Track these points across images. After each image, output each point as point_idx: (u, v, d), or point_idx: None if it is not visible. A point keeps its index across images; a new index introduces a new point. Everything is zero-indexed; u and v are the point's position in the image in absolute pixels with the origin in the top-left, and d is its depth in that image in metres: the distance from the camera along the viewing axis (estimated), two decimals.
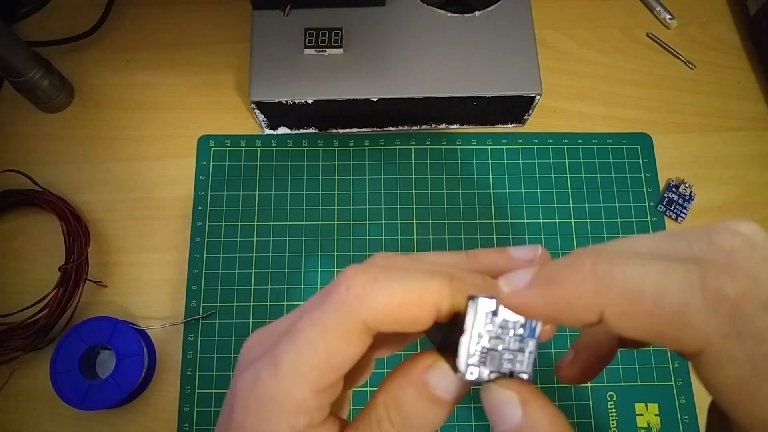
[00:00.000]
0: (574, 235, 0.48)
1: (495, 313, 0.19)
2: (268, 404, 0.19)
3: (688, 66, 0.54)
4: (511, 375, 0.19)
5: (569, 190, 0.50)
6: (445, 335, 0.20)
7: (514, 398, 0.19)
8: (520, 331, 0.19)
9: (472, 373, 0.19)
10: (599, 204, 0.49)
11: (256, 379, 0.20)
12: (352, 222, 0.48)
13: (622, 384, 0.45)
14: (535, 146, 0.51)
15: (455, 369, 0.19)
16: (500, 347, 0.19)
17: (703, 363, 0.16)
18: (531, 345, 0.19)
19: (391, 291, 0.19)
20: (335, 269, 0.46)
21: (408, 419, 0.19)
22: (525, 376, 0.19)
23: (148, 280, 0.46)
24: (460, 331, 0.19)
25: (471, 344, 0.19)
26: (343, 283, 0.19)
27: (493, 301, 0.19)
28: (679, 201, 0.49)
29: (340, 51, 0.46)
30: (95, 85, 0.52)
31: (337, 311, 0.19)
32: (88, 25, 0.52)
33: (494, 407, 0.19)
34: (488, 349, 0.19)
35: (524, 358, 0.19)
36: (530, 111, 0.49)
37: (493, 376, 0.19)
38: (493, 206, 0.49)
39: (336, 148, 0.50)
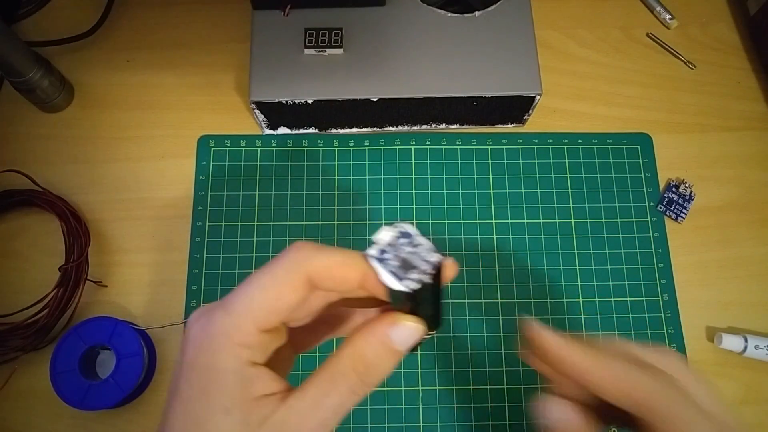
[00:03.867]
0: (574, 235, 0.48)
1: (382, 251, 0.24)
2: (218, 338, 0.23)
3: (688, 66, 0.54)
4: (430, 264, 0.23)
5: (569, 190, 0.50)
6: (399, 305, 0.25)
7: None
8: (404, 241, 0.24)
9: (411, 282, 0.23)
10: (599, 204, 0.49)
11: (208, 320, 0.24)
12: (352, 222, 0.48)
13: None
14: (535, 146, 0.51)
15: (393, 288, 0.23)
16: (403, 257, 0.24)
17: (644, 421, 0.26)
18: (417, 239, 0.24)
19: (331, 254, 0.24)
20: None
21: (369, 368, 0.24)
22: (436, 257, 0.24)
23: (148, 280, 0.46)
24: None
25: (387, 273, 0.23)
26: (294, 248, 0.24)
27: (373, 248, 0.24)
28: (679, 201, 0.49)
29: (340, 51, 0.46)
30: (95, 85, 0.52)
31: (287, 264, 0.24)
32: (88, 25, 0.52)
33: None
34: (400, 265, 0.24)
35: (423, 248, 0.24)
36: (530, 111, 0.49)
37: (417, 274, 0.23)
38: (493, 206, 0.49)
39: (336, 148, 0.50)
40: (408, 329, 0.25)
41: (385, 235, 0.24)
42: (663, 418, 0.26)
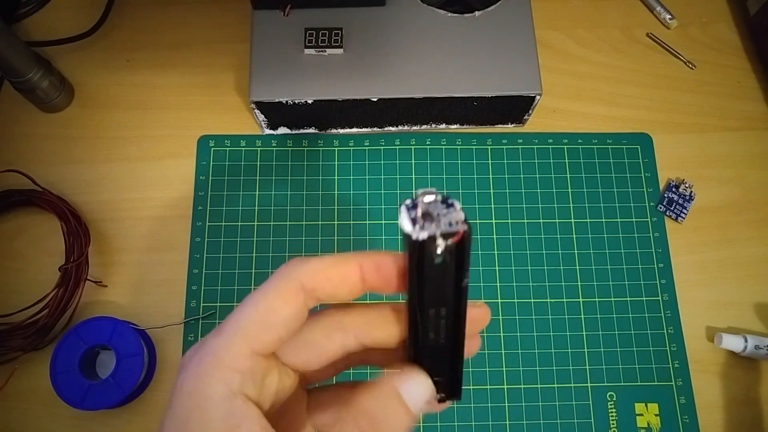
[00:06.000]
0: (574, 235, 0.48)
1: (414, 204, 0.21)
2: (206, 359, 0.21)
3: (688, 66, 0.54)
4: (451, 224, 0.21)
5: (569, 190, 0.49)
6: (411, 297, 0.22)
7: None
8: (442, 204, 0.21)
9: (423, 231, 0.20)
10: (599, 204, 0.49)
11: (201, 343, 0.21)
12: (352, 222, 0.48)
13: (622, 384, 0.45)
14: (535, 146, 0.51)
15: (404, 230, 0.21)
16: (430, 210, 0.21)
17: None
18: (457, 204, 0.21)
19: (322, 258, 0.22)
20: None
21: (379, 429, 0.21)
22: (465, 227, 0.21)
23: (148, 280, 0.46)
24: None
25: (407, 218, 0.21)
26: (286, 262, 0.22)
27: (409, 200, 0.21)
28: (679, 201, 0.49)
29: (340, 51, 0.46)
30: (95, 85, 0.52)
31: (277, 276, 0.22)
32: (88, 25, 0.52)
33: None
34: (423, 214, 0.21)
35: (456, 213, 0.21)
36: (530, 111, 0.49)
37: (434, 227, 0.21)
38: (493, 206, 0.49)
39: (336, 148, 0.50)
40: (420, 381, 0.23)
41: (426, 195, 0.22)
42: None
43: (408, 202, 0.22)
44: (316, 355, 0.23)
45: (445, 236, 0.20)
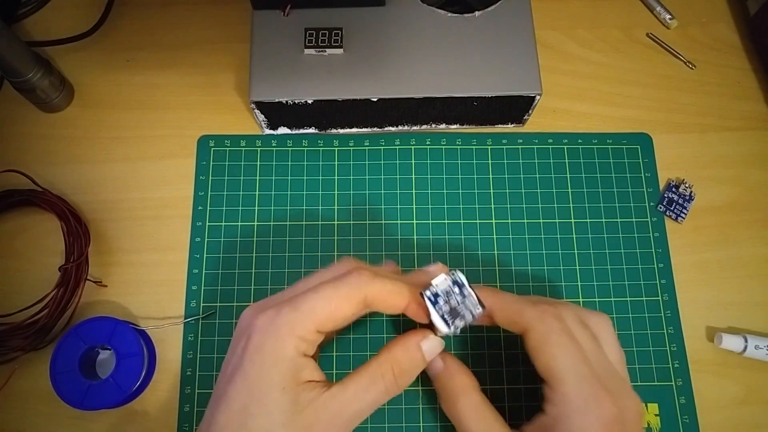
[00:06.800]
0: (574, 235, 0.48)
1: (435, 294, 0.32)
2: (283, 328, 0.29)
3: (688, 66, 0.54)
4: (473, 315, 0.32)
5: (569, 190, 0.50)
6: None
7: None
8: (456, 289, 0.32)
9: (456, 328, 0.32)
10: (599, 204, 0.49)
11: (277, 313, 0.30)
12: (352, 222, 0.48)
13: None
14: (535, 146, 0.51)
15: (441, 331, 0.33)
16: (453, 305, 0.32)
17: (526, 338, 0.34)
18: (467, 290, 0.33)
19: (385, 283, 0.32)
20: None
21: (403, 372, 0.32)
22: (480, 309, 0.33)
23: (148, 280, 0.46)
24: (428, 314, 0.33)
25: (439, 317, 0.32)
26: (356, 272, 0.31)
27: (430, 290, 0.32)
28: (679, 201, 0.49)
29: (340, 51, 0.46)
30: (95, 85, 0.52)
31: (350, 285, 0.31)
32: (88, 25, 0.52)
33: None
34: (450, 310, 0.32)
35: (471, 299, 0.32)
36: (530, 111, 0.49)
37: (462, 322, 0.32)
38: (492, 206, 0.49)
39: (336, 148, 0.50)
40: (435, 341, 0.34)
41: (441, 282, 0.32)
42: (533, 334, 0.34)
43: (428, 294, 0.32)
44: (342, 326, 0.33)
45: (469, 322, 0.32)
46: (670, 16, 0.55)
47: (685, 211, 0.49)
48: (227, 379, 0.30)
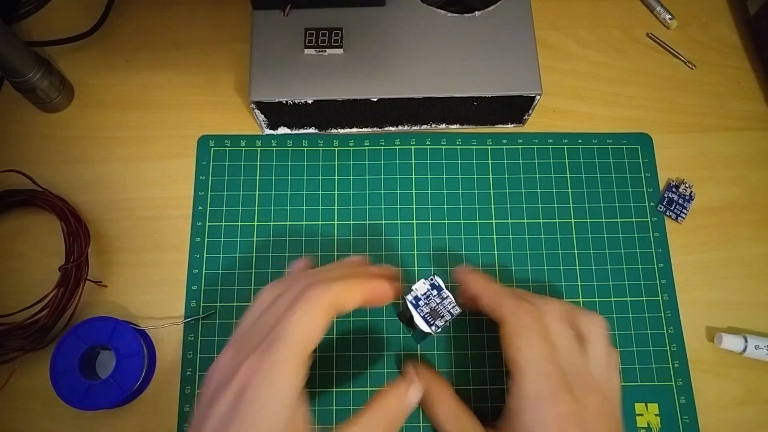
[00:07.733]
0: (574, 235, 0.48)
1: (417, 297, 0.37)
2: (276, 372, 0.29)
3: (688, 66, 0.54)
4: (452, 314, 0.37)
5: (569, 190, 0.50)
6: (403, 312, 0.40)
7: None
8: (435, 292, 0.37)
9: (437, 327, 0.37)
10: (599, 204, 0.49)
11: (261, 357, 0.30)
12: (352, 222, 0.48)
13: (622, 384, 0.44)
14: (535, 146, 0.51)
15: (424, 330, 0.37)
16: (433, 306, 0.37)
17: (500, 329, 0.36)
18: (445, 292, 0.37)
19: (339, 283, 0.33)
20: None
21: (394, 422, 0.34)
22: (458, 309, 0.37)
23: (148, 280, 0.46)
24: (410, 313, 0.37)
25: (421, 318, 0.37)
26: (307, 288, 0.33)
27: (411, 294, 0.37)
28: (679, 201, 0.49)
29: (340, 51, 0.46)
30: (95, 85, 0.52)
31: (307, 301, 0.32)
32: (88, 25, 0.52)
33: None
34: (430, 311, 0.37)
35: (449, 300, 0.37)
36: (530, 111, 0.49)
37: (442, 322, 0.36)
38: (493, 206, 0.49)
39: (336, 148, 0.50)
40: (419, 389, 0.36)
41: (421, 286, 0.37)
42: (506, 326, 0.36)
43: (410, 298, 0.36)
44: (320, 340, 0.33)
45: (449, 321, 0.37)
46: (670, 16, 0.55)
47: (685, 211, 0.49)
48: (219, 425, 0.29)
